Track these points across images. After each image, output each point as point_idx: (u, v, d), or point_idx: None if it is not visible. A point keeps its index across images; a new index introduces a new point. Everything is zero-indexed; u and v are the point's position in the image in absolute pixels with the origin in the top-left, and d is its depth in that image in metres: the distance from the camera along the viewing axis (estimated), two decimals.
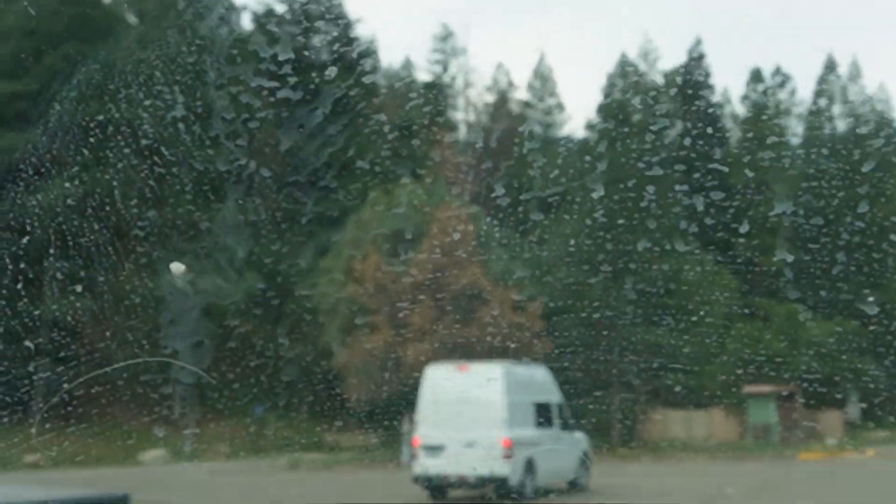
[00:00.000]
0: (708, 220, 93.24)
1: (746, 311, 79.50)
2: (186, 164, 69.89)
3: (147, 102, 66.68)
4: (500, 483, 28.37)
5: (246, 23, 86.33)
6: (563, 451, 31.54)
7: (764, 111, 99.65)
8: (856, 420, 60.14)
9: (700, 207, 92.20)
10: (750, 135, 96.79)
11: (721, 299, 73.45)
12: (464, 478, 28.48)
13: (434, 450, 28.81)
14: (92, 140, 65.11)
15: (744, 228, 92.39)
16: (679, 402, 69.92)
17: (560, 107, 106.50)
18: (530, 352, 49.58)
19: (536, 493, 29.69)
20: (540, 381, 31.58)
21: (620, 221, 55.95)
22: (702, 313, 58.76)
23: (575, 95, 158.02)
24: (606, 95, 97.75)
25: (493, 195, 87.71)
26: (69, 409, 65.13)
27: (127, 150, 67.35)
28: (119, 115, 65.18)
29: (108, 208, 66.24)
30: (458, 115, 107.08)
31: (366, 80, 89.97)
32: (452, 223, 49.66)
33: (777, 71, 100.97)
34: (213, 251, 67.52)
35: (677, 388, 61.93)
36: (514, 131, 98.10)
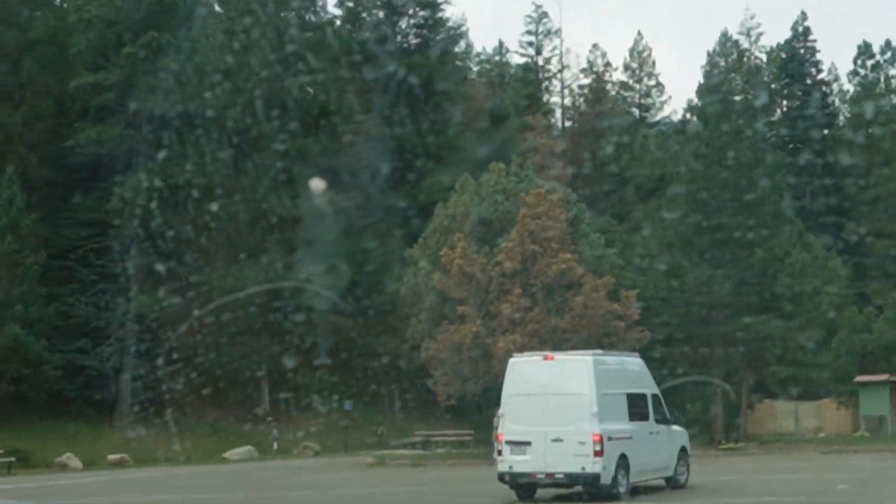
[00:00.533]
0: (815, 203, 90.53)
1: (858, 296, 76.38)
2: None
3: (227, 89, 65.43)
4: (590, 481, 26.16)
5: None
6: (659, 447, 29.22)
7: (874, 88, 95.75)
8: None
9: (807, 189, 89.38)
10: (859, 113, 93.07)
11: (830, 285, 70.51)
12: (551, 476, 26.32)
13: (519, 446, 26.71)
14: (176, 131, 64.06)
15: (854, 211, 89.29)
16: (787, 393, 67.02)
17: (659, 87, 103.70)
18: (626, 342, 47.25)
19: (630, 492, 27.49)
20: (633, 371, 29.23)
21: (721, 205, 53.28)
22: (810, 300, 55.81)
23: (674, 75, 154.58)
24: (707, 75, 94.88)
25: (588, 180, 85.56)
26: (157, 406, 64.25)
27: (211, 141, 66.28)
28: (201, 104, 64.09)
29: (192, 201, 65.19)
30: (553, 99, 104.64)
31: (455, 64, 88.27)
32: (543, 209, 47.44)
33: (887, 45, 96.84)
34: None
35: (784, 379, 59.08)
36: (611, 114, 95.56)
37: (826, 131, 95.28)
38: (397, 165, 73.65)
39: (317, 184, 60.79)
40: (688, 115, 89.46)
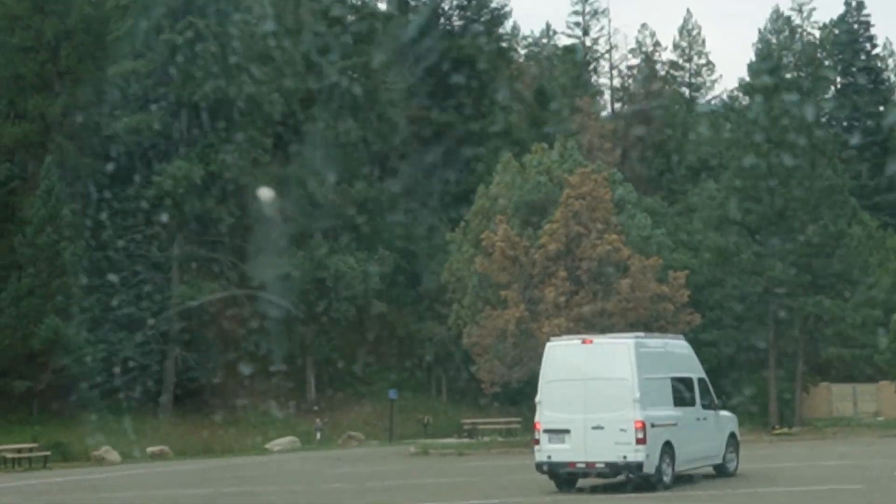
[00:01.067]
0: (872, 182, 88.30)
1: None
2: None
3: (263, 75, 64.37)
4: (633, 471, 24.82)
5: None
6: (706, 433, 27.79)
7: None
8: None
9: (863, 167, 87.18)
10: None
11: (888, 264, 68.75)
12: (592, 465, 24.99)
13: (558, 434, 25.39)
14: (214, 118, 63.07)
15: None
16: (844, 377, 65.31)
17: (709, 66, 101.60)
18: (676, 325, 45.82)
19: (676, 481, 26.13)
20: (677, 354, 27.78)
21: (775, 184, 51.54)
22: (866, 279, 54.02)
23: (725, 53, 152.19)
24: (759, 52, 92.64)
25: (637, 162, 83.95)
26: (200, 397, 63.51)
27: (250, 127, 65.27)
28: (238, 89, 63.02)
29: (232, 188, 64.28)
30: (602, 80, 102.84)
31: (501, 44, 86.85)
32: (587, 189, 46.02)
33: None
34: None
35: (841, 361, 57.38)
36: (661, 94, 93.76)
37: (881, 108, 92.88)
38: (442, 148, 72.42)
39: (265, 193, 59.83)
40: (739, 94, 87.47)
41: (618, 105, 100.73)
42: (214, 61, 61.95)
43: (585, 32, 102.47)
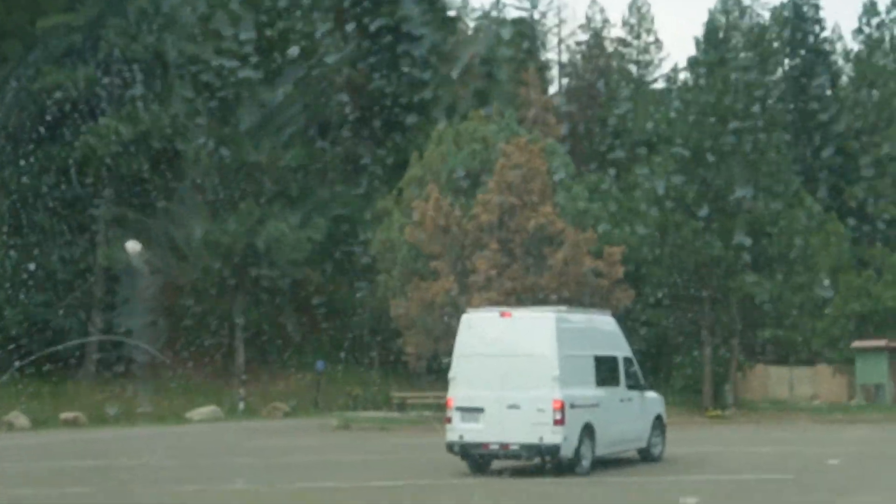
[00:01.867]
0: (816, 164, 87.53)
1: (856, 261, 73.57)
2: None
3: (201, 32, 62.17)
4: (549, 453, 23.39)
5: None
6: (630, 415, 26.39)
7: (879, 46, 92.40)
8: None
9: (807, 150, 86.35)
10: (863, 72, 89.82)
11: (829, 248, 67.85)
12: (506, 447, 23.53)
13: (471, 413, 23.89)
14: (146, 75, 60.89)
15: (855, 173, 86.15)
16: (781, 359, 64.44)
17: (657, 44, 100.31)
18: (610, 301, 44.45)
19: (597, 465, 24.75)
20: (603, 330, 26.34)
21: (716, 161, 50.21)
22: (806, 261, 52.87)
23: (674, 33, 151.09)
24: (707, 31, 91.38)
25: (583, 138, 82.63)
26: (124, 364, 61.48)
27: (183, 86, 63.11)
28: (174, 47, 60.87)
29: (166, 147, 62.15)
30: (549, 55, 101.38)
31: (449, 14, 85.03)
32: (523, 159, 44.48)
33: (893, 3, 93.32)
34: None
35: (778, 343, 56.36)
36: (608, 70, 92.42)
37: (829, 91, 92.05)
38: (383, 117, 70.68)
39: (132, 246, 57.83)
40: (686, 73, 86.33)
41: (565, 80, 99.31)
42: (146, 18, 59.79)
43: (534, 6, 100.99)
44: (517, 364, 23.83)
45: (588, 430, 24.23)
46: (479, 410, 23.91)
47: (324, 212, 67.11)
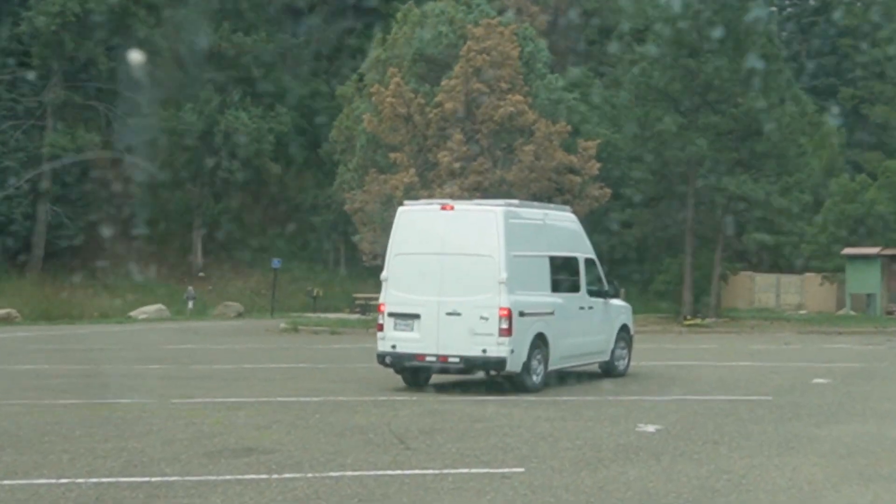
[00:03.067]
0: (810, 65, 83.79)
1: (850, 165, 70.44)
2: None
3: None
4: (494, 367, 20.19)
5: None
6: (591, 325, 23.13)
7: None
8: None
9: (802, 48, 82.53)
10: None
11: (822, 150, 64.83)
12: (444, 359, 20.32)
13: (405, 320, 20.64)
14: None
15: (850, 73, 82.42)
16: (767, 265, 61.45)
17: None
18: (583, 200, 41.16)
19: (551, 380, 21.57)
20: (561, 228, 22.90)
21: (704, 53, 46.45)
22: (797, 161, 49.51)
23: None
24: None
25: (568, 31, 78.41)
26: (74, 257, 58.15)
27: None
28: None
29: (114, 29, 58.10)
30: None
31: None
32: (492, 43, 40.79)
33: None
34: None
35: (764, 248, 53.13)
36: None
37: None
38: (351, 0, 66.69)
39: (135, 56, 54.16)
40: None
41: None
42: None
43: None
44: (458, 265, 20.55)
45: (540, 342, 21.02)
46: (415, 317, 20.66)
47: (288, 101, 63.52)
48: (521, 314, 20.44)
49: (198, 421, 16.37)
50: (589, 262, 23.37)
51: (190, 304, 51.48)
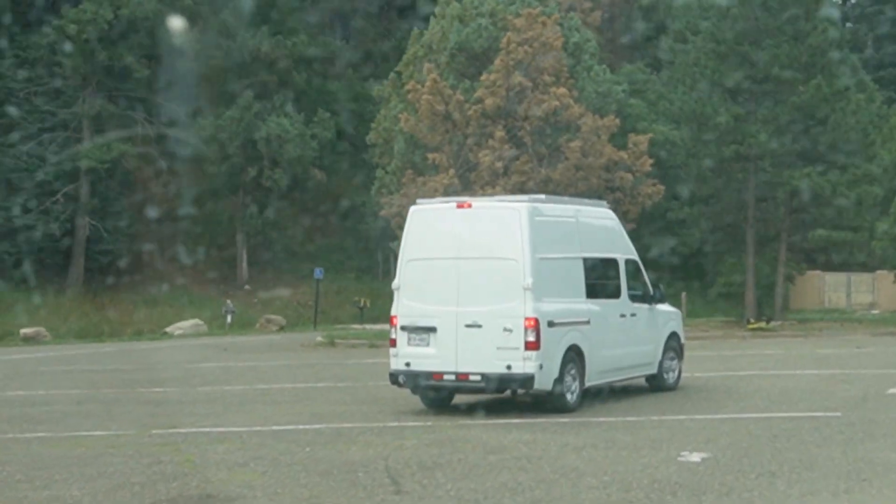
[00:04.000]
0: (879, 54, 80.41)
1: None
2: None
3: None
4: (521, 385, 17.77)
5: None
6: (634, 335, 20.61)
7: None
8: None
9: (868, 38, 79.19)
10: None
11: (891, 144, 61.65)
12: (464, 377, 17.97)
13: (420, 334, 18.32)
14: None
15: None
16: (838, 264, 58.34)
17: None
18: (636, 199, 38.60)
19: (587, 398, 19.13)
20: (596, 226, 20.39)
21: (762, 37, 43.63)
22: (866, 152, 46.56)
23: None
24: None
25: (623, 27, 75.70)
26: (113, 272, 56.37)
27: None
28: None
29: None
30: None
31: None
32: (535, 33, 38.35)
33: None
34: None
35: (833, 246, 50.09)
36: None
37: None
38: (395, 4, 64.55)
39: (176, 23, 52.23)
40: None
41: None
42: None
43: None
44: (478, 270, 18.20)
45: (574, 355, 18.60)
46: (430, 330, 18.34)
47: (332, 106, 61.46)
48: (551, 324, 18.02)
49: (166, 458, 14.13)
50: (630, 263, 20.88)
51: (228, 319, 49.42)
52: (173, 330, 46.28)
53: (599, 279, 19.91)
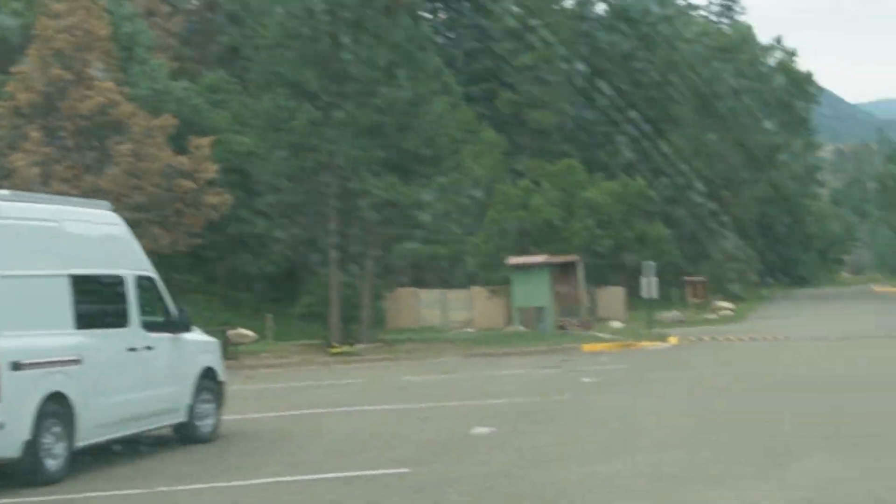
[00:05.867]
0: (469, 68, 79.63)
1: (512, 172, 66.47)
2: None
3: None
4: None
5: None
6: (150, 373, 15.66)
7: None
8: (653, 296, 46.48)
9: (458, 52, 78.26)
10: None
11: (483, 158, 60.47)
12: None
13: None
14: None
15: (508, 77, 78.32)
16: (435, 281, 56.10)
17: None
18: (200, 209, 33.96)
19: (81, 460, 14.23)
20: (93, 235, 15.35)
21: (340, 37, 39.82)
22: (453, 161, 43.93)
23: None
24: None
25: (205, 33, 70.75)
26: None
27: None
28: None
29: None
30: None
31: None
32: (77, 20, 33.02)
33: None
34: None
35: (422, 260, 47.22)
36: None
37: None
38: None
39: None
40: None
41: None
42: None
43: None
44: None
45: (56, 407, 13.69)
46: None
47: None
48: (16, 366, 13.04)
49: None
50: (144, 281, 16.09)
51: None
52: None
53: (96, 303, 15.01)
